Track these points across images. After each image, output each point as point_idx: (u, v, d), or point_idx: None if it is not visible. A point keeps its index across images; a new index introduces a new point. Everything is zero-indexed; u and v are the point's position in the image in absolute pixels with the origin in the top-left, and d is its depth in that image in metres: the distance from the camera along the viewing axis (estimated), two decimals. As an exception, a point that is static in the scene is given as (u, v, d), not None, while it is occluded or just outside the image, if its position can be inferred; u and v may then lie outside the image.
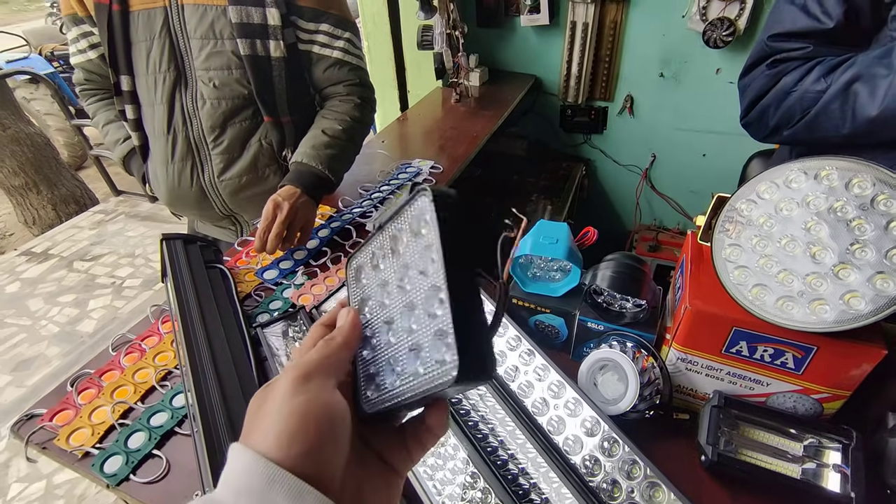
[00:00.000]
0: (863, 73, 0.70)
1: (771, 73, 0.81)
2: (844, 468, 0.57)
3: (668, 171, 2.23)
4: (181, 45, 0.98)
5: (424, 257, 0.28)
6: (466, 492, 0.58)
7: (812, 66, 0.77)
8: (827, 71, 0.75)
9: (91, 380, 0.75)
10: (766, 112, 0.83)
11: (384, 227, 0.32)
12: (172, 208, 1.19)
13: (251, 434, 0.26)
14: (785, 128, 0.82)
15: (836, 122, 0.74)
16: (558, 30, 2.02)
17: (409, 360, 0.28)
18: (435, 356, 0.26)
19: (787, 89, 0.79)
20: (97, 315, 2.54)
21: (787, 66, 0.79)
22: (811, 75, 0.76)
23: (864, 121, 0.70)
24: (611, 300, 0.72)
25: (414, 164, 1.34)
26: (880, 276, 0.50)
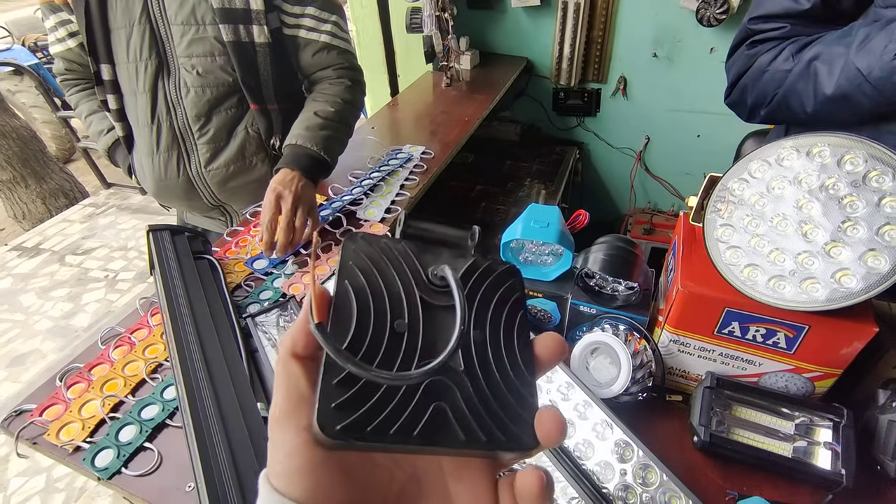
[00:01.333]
0: (823, 51, 0.71)
1: (749, 54, 0.82)
2: (835, 446, 0.57)
3: (662, 153, 2.22)
4: (162, 31, 0.96)
5: None
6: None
7: (785, 45, 0.77)
8: (797, 50, 0.75)
9: (80, 374, 0.74)
10: (745, 92, 0.85)
11: None
12: (160, 200, 1.17)
13: None
14: (761, 107, 0.83)
15: (802, 101, 0.75)
16: (550, 10, 1.99)
17: None
18: None
19: (762, 69, 0.80)
20: (91, 309, 2.53)
21: (765, 47, 0.80)
22: (782, 55, 0.77)
23: (823, 99, 0.71)
24: (603, 283, 0.71)
25: (405, 150, 1.33)
26: (871, 253, 0.50)
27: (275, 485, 0.22)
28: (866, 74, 0.65)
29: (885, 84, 0.64)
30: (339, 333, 0.23)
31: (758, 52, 0.81)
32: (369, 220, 1.05)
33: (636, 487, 0.56)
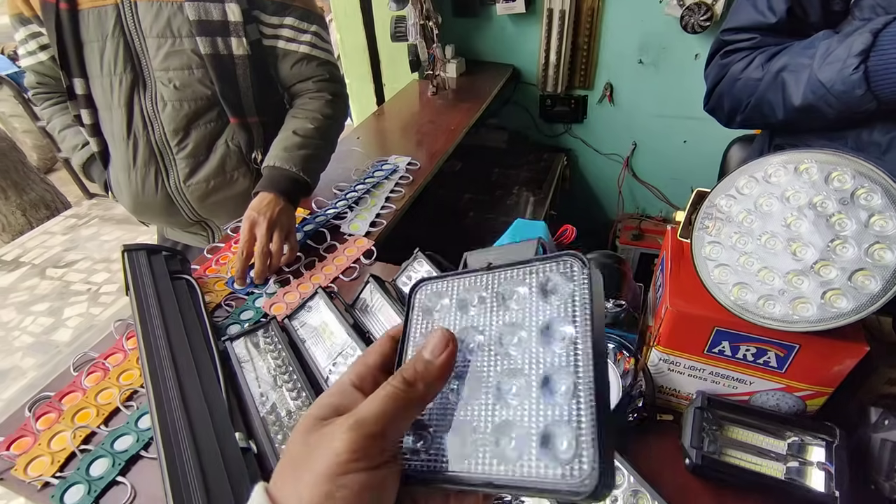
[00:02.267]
0: (790, 63, 0.74)
1: (723, 63, 0.86)
2: (829, 466, 0.56)
3: (649, 159, 2.22)
4: (137, 44, 0.93)
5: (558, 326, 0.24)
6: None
7: (756, 54, 0.81)
8: (766, 59, 0.79)
9: (51, 403, 0.71)
10: (722, 99, 0.88)
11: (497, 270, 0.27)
12: (138, 216, 1.14)
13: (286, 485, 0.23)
14: (737, 113, 0.86)
15: (773, 109, 0.78)
16: (535, 18, 1.99)
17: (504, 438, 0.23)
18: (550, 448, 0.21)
19: (735, 77, 0.83)
20: (73, 323, 2.47)
21: (737, 56, 0.84)
22: (753, 63, 0.80)
23: (792, 109, 0.74)
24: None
25: (390, 161, 1.31)
26: (861, 272, 0.49)
27: None
28: (829, 87, 0.68)
29: (846, 96, 0.66)
30: None
31: (731, 62, 0.84)
32: (354, 235, 1.03)
33: (628, 514, 0.54)
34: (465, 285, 0.28)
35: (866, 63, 0.64)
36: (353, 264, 0.95)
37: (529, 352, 0.24)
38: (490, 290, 0.27)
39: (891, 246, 0.47)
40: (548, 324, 0.24)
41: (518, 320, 0.25)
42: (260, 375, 0.71)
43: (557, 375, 0.23)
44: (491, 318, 0.27)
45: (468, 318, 0.27)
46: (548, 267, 0.26)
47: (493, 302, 0.27)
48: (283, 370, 0.71)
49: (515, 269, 0.27)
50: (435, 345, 0.25)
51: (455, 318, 0.28)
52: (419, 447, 0.25)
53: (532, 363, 0.24)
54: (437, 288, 0.29)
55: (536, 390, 0.23)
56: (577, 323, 0.23)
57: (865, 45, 0.64)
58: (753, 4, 0.81)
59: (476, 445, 0.23)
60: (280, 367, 0.72)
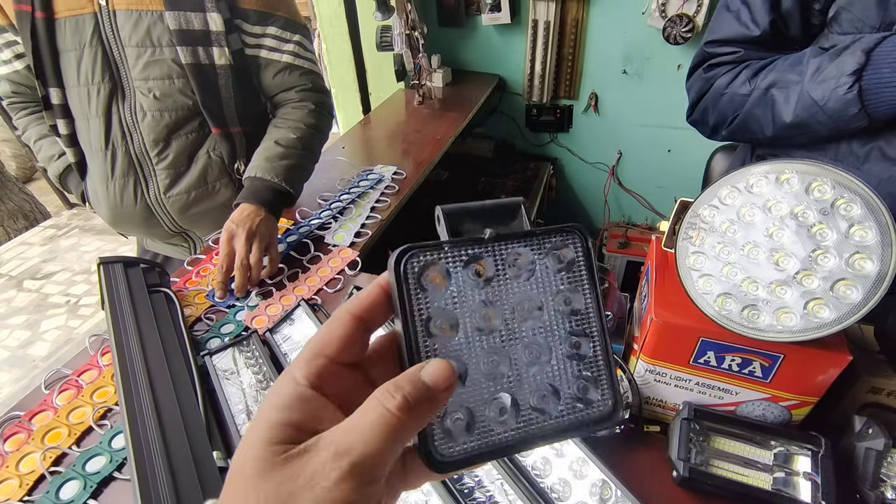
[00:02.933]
0: (778, 79, 0.74)
1: (707, 77, 0.86)
2: (815, 476, 0.56)
3: (634, 168, 2.24)
4: (115, 53, 0.91)
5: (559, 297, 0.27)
6: (431, 527, 0.54)
7: (741, 69, 0.81)
8: (752, 74, 0.79)
9: (20, 423, 0.68)
10: (706, 113, 0.88)
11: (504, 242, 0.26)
12: (117, 228, 1.12)
13: None
14: (722, 127, 0.86)
15: (761, 125, 0.78)
16: (520, 28, 2.01)
17: (541, 398, 0.26)
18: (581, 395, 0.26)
19: (720, 91, 0.83)
20: (51, 337, 2.41)
21: (721, 70, 0.84)
22: (739, 78, 0.80)
23: (782, 125, 0.74)
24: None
25: (376, 171, 1.30)
26: (843, 282, 0.49)
27: None
28: (822, 105, 0.68)
29: (839, 114, 0.67)
30: None
31: (715, 76, 0.84)
32: (338, 245, 1.02)
33: (616, 530, 0.53)
34: (470, 255, 0.26)
35: (860, 82, 0.64)
36: (338, 275, 0.94)
37: (550, 318, 0.26)
38: (497, 262, 0.26)
39: (871, 256, 0.48)
40: (561, 293, 0.27)
41: (532, 292, 0.26)
42: (240, 391, 0.69)
43: (579, 338, 0.27)
44: (504, 290, 0.26)
45: (482, 293, 0.26)
46: (554, 239, 0.27)
47: (503, 273, 0.26)
48: (265, 385, 0.70)
49: (525, 240, 0.27)
50: (438, 375, 0.22)
51: (466, 294, 0.25)
52: (456, 431, 0.24)
53: (554, 328, 0.26)
54: (432, 259, 0.25)
55: (563, 353, 0.26)
56: (585, 291, 0.27)
57: (859, 64, 0.64)
58: (737, 17, 0.81)
59: (518, 413, 0.25)
60: (261, 383, 0.70)
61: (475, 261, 0.26)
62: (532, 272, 0.26)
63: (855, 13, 0.69)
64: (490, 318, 0.25)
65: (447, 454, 0.23)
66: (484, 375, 0.25)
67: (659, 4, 1.75)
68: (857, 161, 0.72)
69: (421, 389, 0.21)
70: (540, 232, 0.27)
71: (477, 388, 0.25)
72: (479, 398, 0.25)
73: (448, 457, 0.23)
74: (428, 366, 0.22)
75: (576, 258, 0.27)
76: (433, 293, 0.25)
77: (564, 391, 0.26)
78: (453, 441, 0.24)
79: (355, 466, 0.19)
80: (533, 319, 0.26)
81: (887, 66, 0.62)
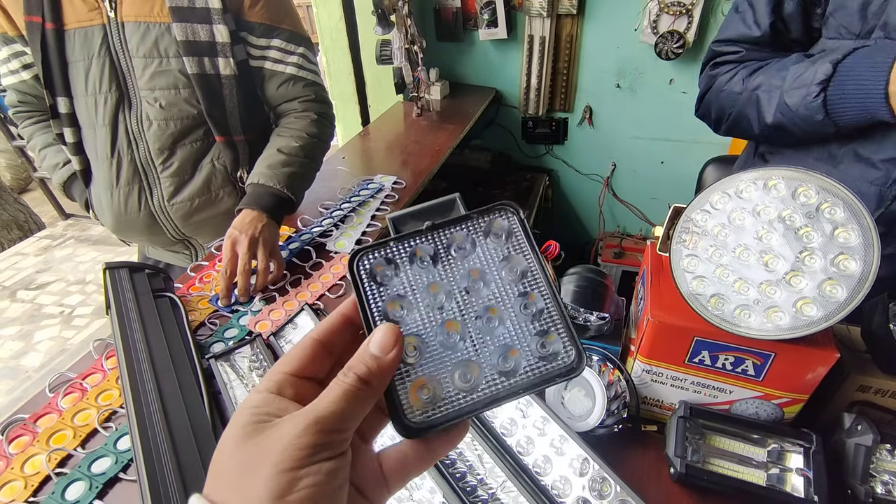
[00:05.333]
0: (764, 82, 0.78)
1: (711, 74, 0.90)
2: (807, 472, 0.57)
3: (628, 179, 2.28)
4: (123, 64, 0.94)
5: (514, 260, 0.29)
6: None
7: (740, 68, 0.85)
8: (748, 74, 0.83)
9: (25, 426, 0.68)
10: (710, 107, 0.92)
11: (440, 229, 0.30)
12: (120, 235, 1.13)
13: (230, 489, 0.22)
14: (722, 122, 0.90)
15: (750, 123, 0.82)
16: (516, 43, 2.06)
17: (503, 359, 0.27)
18: (543, 350, 0.27)
19: (720, 88, 0.87)
20: (44, 347, 2.39)
21: (724, 69, 0.88)
22: (736, 77, 0.84)
23: (765, 126, 0.78)
24: (575, 314, 0.71)
25: (376, 180, 1.32)
26: (829, 281, 0.51)
27: None
28: (794, 111, 0.72)
29: (808, 121, 0.71)
30: None
31: (718, 73, 0.89)
32: (339, 252, 1.03)
33: (615, 525, 0.54)
34: (411, 246, 0.30)
35: (826, 92, 0.68)
36: (340, 281, 0.95)
37: (497, 286, 0.29)
38: (440, 246, 0.30)
39: (854, 256, 0.50)
40: (504, 259, 0.29)
41: (478, 264, 0.29)
42: (245, 392, 0.70)
43: (529, 298, 0.28)
44: (450, 269, 0.29)
45: (429, 275, 0.29)
46: (488, 217, 0.30)
47: (446, 255, 0.30)
48: (269, 388, 0.71)
49: (460, 224, 0.30)
50: (384, 341, 0.25)
51: (413, 279, 0.29)
52: (426, 400, 0.26)
53: (504, 294, 0.29)
54: (381, 255, 0.29)
55: (518, 314, 0.28)
56: (525, 254, 0.29)
57: (826, 74, 0.68)
58: (742, 18, 0.85)
59: (482, 375, 0.27)
60: (265, 385, 0.71)
61: (410, 248, 0.29)
62: (473, 249, 0.30)
63: (839, 20, 0.72)
64: (436, 292, 0.29)
65: (418, 420, 0.26)
66: (442, 346, 0.28)
67: (651, 21, 1.80)
68: (833, 161, 0.76)
69: (371, 358, 0.25)
70: (474, 214, 0.30)
71: (439, 358, 0.27)
72: (442, 366, 0.27)
73: (419, 423, 0.26)
74: (373, 335, 0.26)
75: (511, 228, 0.30)
76: (386, 284, 0.29)
77: (524, 349, 0.28)
78: (421, 407, 0.26)
79: (319, 419, 0.23)
80: (484, 288, 0.29)
81: (850, 79, 0.66)
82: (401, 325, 0.28)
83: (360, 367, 0.25)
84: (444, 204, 0.32)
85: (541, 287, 0.29)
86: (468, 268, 0.29)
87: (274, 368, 0.26)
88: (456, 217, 0.30)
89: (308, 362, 0.27)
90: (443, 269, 0.29)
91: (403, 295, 0.29)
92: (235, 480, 0.22)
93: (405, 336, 0.27)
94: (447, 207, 0.32)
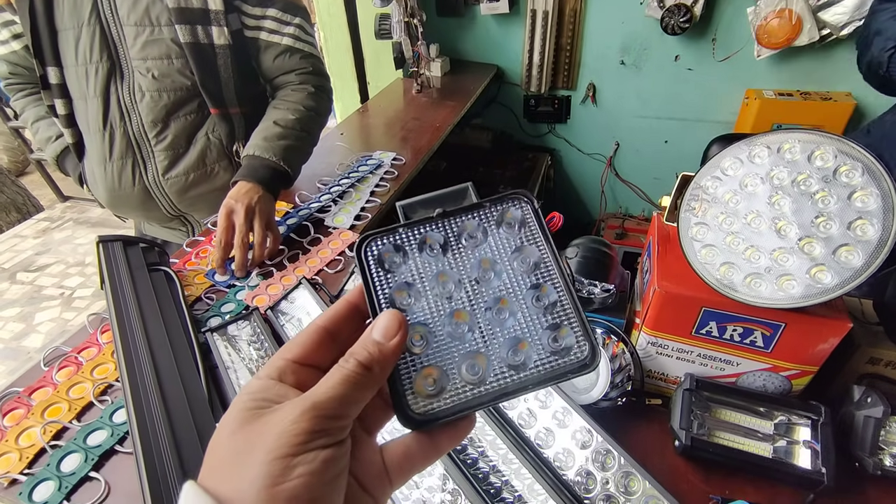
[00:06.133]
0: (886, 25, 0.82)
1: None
2: (814, 444, 0.56)
3: (631, 159, 2.25)
4: (114, 32, 0.91)
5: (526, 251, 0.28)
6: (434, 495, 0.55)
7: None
8: None
9: (19, 399, 0.68)
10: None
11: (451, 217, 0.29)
12: (114, 210, 1.11)
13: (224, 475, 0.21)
14: None
15: None
16: (518, 18, 2.01)
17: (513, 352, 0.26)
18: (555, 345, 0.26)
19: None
20: (45, 329, 2.39)
21: None
22: None
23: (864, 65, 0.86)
24: (579, 286, 0.70)
25: (375, 156, 1.30)
26: (845, 248, 0.49)
27: None
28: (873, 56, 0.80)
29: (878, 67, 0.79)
30: None
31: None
32: (338, 228, 1.02)
33: (619, 497, 0.53)
34: (421, 233, 0.28)
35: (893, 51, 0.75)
36: (338, 257, 0.94)
37: (509, 277, 0.28)
38: (451, 234, 0.28)
39: (872, 221, 0.48)
40: (516, 250, 0.28)
41: (489, 254, 0.28)
42: (242, 366, 0.69)
43: (541, 290, 0.27)
44: (461, 258, 0.28)
45: (438, 264, 0.28)
46: (501, 206, 0.29)
47: (457, 244, 0.28)
48: (266, 360, 0.69)
49: (472, 212, 0.29)
50: (387, 327, 0.25)
51: (422, 267, 0.28)
52: (431, 391, 0.25)
53: (515, 285, 0.27)
54: (390, 241, 0.28)
55: (529, 306, 0.27)
56: (539, 245, 0.28)
57: None
58: None
59: (490, 368, 0.26)
60: (263, 358, 0.70)
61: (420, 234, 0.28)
62: (485, 238, 0.28)
63: None
64: (445, 281, 0.27)
65: (422, 411, 0.25)
66: (450, 336, 0.26)
67: (657, -6, 1.75)
68: None
69: (373, 344, 0.24)
70: (487, 202, 0.29)
71: (446, 349, 0.26)
72: (449, 357, 0.26)
73: (424, 414, 0.25)
74: (376, 321, 0.25)
75: (525, 218, 0.29)
76: (394, 271, 0.27)
77: (535, 342, 0.26)
78: (426, 398, 0.25)
79: (317, 404, 0.22)
80: (495, 279, 0.28)
81: None
82: (407, 313, 0.26)
83: (361, 353, 0.24)
84: (457, 192, 0.30)
85: (554, 279, 0.27)
86: (479, 257, 0.28)
87: (276, 355, 0.26)
88: (468, 205, 0.29)
89: (311, 349, 0.26)
90: (453, 258, 0.28)
91: (411, 283, 0.27)
92: (229, 467, 0.21)
93: (412, 325, 0.26)
94: (459, 196, 0.30)
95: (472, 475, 0.55)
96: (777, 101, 1.73)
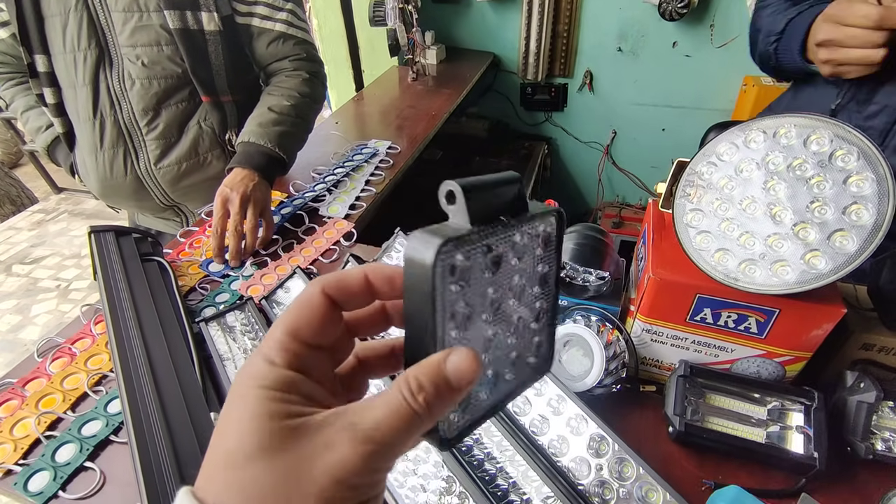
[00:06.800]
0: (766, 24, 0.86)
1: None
2: (807, 429, 0.56)
3: (628, 147, 2.24)
4: (101, 18, 0.89)
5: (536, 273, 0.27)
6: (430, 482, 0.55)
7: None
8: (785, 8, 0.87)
9: (13, 390, 0.67)
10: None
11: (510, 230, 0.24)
12: (107, 201, 1.10)
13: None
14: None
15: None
16: (515, 5, 1.98)
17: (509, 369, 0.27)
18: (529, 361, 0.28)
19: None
20: (42, 321, 2.38)
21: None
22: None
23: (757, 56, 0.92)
24: (573, 273, 0.70)
25: (370, 145, 1.29)
26: (839, 233, 0.49)
27: None
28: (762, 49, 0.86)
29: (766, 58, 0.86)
30: None
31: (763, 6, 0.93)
32: (333, 217, 1.01)
33: (613, 482, 0.54)
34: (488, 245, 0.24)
35: (777, 43, 0.81)
36: (333, 246, 0.93)
37: (528, 295, 0.27)
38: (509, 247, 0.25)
39: (867, 205, 0.48)
40: (540, 268, 0.27)
41: (526, 273, 0.26)
42: (236, 356, 0.69)
43: (540, 311, 0.27)
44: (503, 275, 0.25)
45: (488, 284, 0.24)
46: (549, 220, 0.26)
47: (510, 258, 0.25)
48: (261, 351, 0.69)
49: (527, 225, 0.25)
50: (463, 369, 0.20)
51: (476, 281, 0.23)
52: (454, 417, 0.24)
53: (529, 304, 0.27)
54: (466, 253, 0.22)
55: (532, 324, 0.27)
56: (550, 263, 0.27)
57: (781, 27, 0.80)
58: None
59: (501, 383, 0.26)
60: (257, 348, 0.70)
61: (492, 250, 0.24)
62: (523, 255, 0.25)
63: None
64: (498, 305, 0.24)
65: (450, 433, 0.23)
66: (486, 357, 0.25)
67: (655, -21, 1.73)
68: None
69: (445, 384, 0.20)
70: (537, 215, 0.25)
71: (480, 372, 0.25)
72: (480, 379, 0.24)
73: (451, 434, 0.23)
74: (453, 356, 0.21)
75: (550, 235, 0.27)
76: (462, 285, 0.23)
77: (525, 355, 0.27)
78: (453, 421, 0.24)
79: (367, 437, 0.19)
80: (515, 298, 0.25)
81: (788, 35, 0.79)
82: (458, 333, 0.23)
83: (429, 390, 0.20)
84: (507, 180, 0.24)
85: (550, 294, 0.28)
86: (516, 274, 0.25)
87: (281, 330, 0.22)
88: (528, 215, 0.25)
89: (320, 326, 0.22)
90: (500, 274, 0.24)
91: (471, 304, 0.23)
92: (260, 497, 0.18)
93: None
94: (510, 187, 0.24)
95: (468, 462, 0.55)
96: (775, 88, 1.72)
